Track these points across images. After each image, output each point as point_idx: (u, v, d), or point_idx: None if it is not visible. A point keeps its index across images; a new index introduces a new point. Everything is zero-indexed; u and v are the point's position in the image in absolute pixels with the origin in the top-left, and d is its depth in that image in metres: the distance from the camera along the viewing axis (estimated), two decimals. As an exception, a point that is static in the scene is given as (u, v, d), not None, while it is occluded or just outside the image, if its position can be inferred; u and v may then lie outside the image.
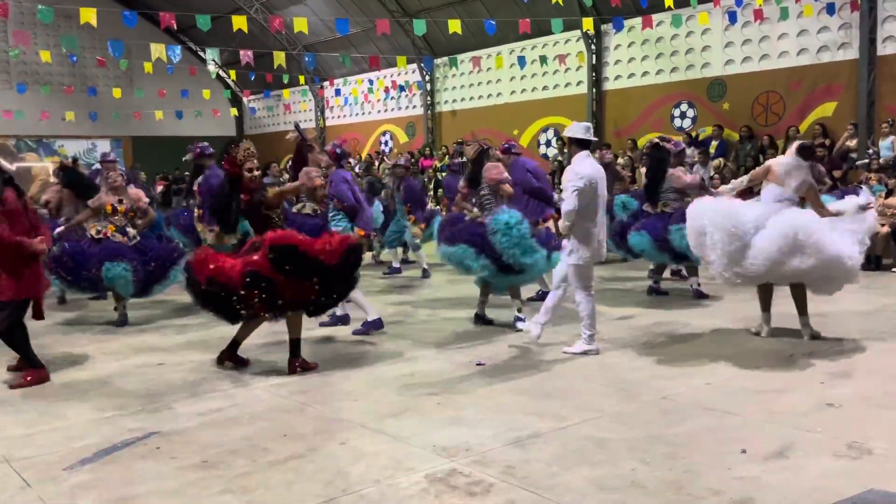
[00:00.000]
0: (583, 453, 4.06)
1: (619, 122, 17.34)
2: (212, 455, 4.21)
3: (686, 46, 16.03)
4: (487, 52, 19.28)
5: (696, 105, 15.96)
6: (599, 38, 17.47)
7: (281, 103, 26.90)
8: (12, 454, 4.31)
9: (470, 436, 4.37)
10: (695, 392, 5.11)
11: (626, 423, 4.52)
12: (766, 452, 3.98)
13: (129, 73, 23.41)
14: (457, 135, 20.07)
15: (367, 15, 19.78)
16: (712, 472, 3.75)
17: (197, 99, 22.74)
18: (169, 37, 22.73)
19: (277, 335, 7.36)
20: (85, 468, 4.09)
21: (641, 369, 5.72)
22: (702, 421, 4.53)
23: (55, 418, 4.96)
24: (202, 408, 5.08)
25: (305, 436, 4.47)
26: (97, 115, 22.84)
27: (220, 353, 6.19)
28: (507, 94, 19.86)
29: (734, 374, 5.52)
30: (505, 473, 3.83)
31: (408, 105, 22.85)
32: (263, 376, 5.86)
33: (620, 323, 7.43)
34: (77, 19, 13.29)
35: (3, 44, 22.54)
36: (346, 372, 5.97)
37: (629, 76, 17.24)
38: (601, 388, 5.26)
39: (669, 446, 4.12)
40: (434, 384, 5.48)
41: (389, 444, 4.30)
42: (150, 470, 4.04)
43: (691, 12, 15.03)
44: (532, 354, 6.29)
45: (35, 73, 23.86)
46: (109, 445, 4.40)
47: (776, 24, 14.41)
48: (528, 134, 19.29)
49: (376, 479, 3.81)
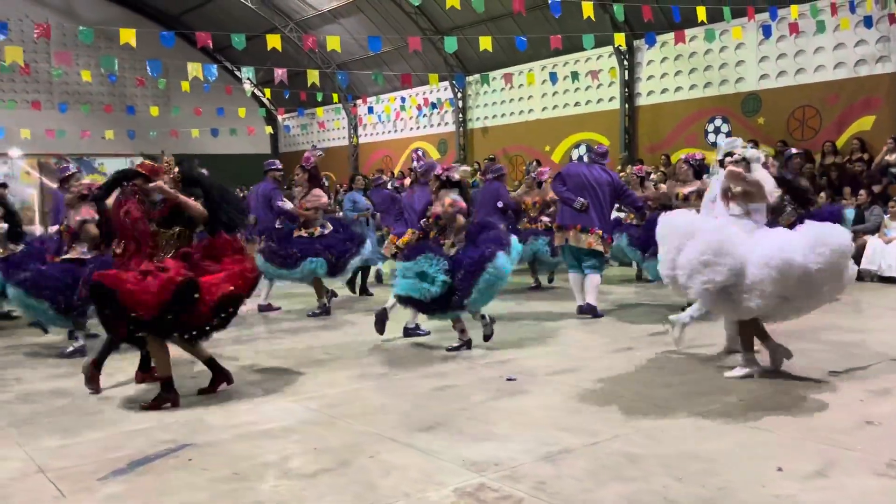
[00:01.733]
0: (615, 469, 4.01)
1: (652, 138, 17.24)
2: (243, 467, 4.23)
3: (720, 61, 15.91)
4: (519, 69, 19.32)
5: (730, 120, 15.82)
6: (632, 53, 17.42)
7: (315, 121, 27.22)
8: (48, 464, 4.38)
9: (500, 450, 4.34)
10: (729, 408, 5.03)
11: (658, 439, 4.45)
12: (803, 471, 3.89)
13: (167, 92, 23.86)
14: (489, 151, 20.11)
15: (398, 33, 19.97)
16: (747, 490, 3.67)
17: (232, 117, 23.13)
18: (205, 56, 23.19)
19: (304, 352, 7.41)
20: (119, 479, 4.13)
21: (675, 385, 5.64)
22: (736, 438, 4.45)
23: (90, 430, 5.03)
24: (234, 421, 5.12)
25: (335, 449, 4.48)
26: (135, 134, 23.30)
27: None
28: (539, 111, 19.87)
29: (770, 391, 5.41)
30: (535, 489, 3.79)
31: (440, 122, 22.97)
32: (294, 390, 5.89)
33: (655, 339, 7.35)
34: (117, 40, 13.60)
35: (45, 64, 23.14)
36: (376, 385, 5.98)
37: (662, 91, 17.16)
38: (634, 404, 5.19)
39: (703, 463, 4.05)
40: (464, 398, 5.46)
41: (419, 458, 4.29)
42: (182, 481, 4.07)
43: (725, 27, 14.92)
44: (562, 372, 6.24)
45: (76, 92, 24.45)
46: (143, 457, 4.45)
47: (812, 37, 14.25)
48: (559, 150, 19.26)
49: (406, 493, 3.80)
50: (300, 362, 6.83)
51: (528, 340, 7.46)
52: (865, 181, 12.46)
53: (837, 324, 7.47)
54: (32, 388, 6.18)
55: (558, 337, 7.67)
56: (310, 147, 9.04)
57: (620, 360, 6.52)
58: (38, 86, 24.62)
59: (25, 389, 6.17)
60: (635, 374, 6.03)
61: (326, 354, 7.15)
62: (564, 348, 7.12)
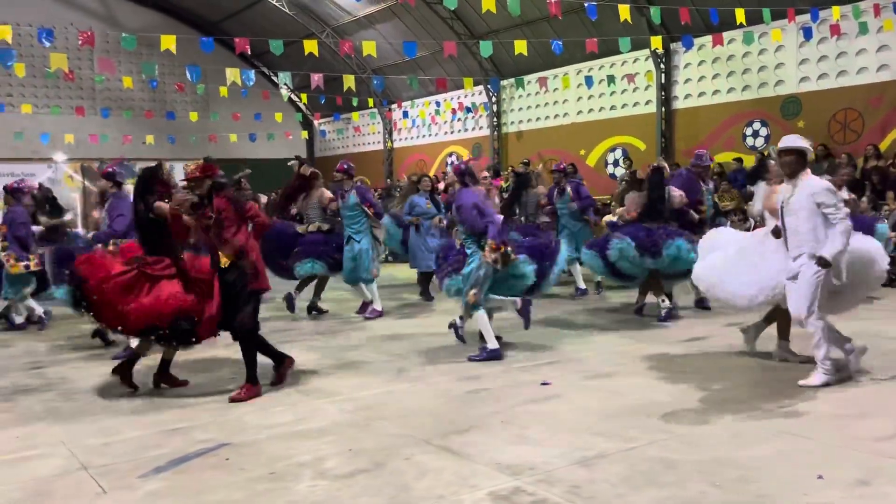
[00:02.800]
0: (650, 474, 3.97)
1: (689, 142, 17.03)
2: (279, 468, 4.28)
3: (758, 64, 15.69)
4: (554, 73, 19.26)
5: (769, 123, 15.58)
6: (669, 56, 17.26)
7: (350, 126, 27.39)
8: (90, 462, 4.47)
9: (535, 454, 4.33)
10: (767, 415, 4.95)
11: (695, 445, 4.40)
12: (845, 479, 3.82)
13: (206, 98, 24.23)
14: (523, 156, 20.06)
15: (434, 38, 20.03)
16: (786, 498, 3.61)
17: (269, 122, 23.36)
18: (243, 62, 23.48)
19: (339, 354, 7.47)
20: (158, 477, 4.21)
21: (712, 391, 5.57)
22: (775, 445, 4.38)
23: (131, 429, 5.13)
24: (270, 421, 5.18)
25: (370, 450, 4.51)
26: (175, 139, 23.70)
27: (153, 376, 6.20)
28: (574, 115, 19.77)
29: (808, 397, 5.32)
30: (570, 493, 3.77)
31: (474, 126, 22.97)
32: (329, 392, 5.94)
33: (691, 344, 7.27)
34: (158, 46, 13.85)
35: (89, 71, 23.64)
36: (410, 387, 6.01)
37: (699, 95, 16.97)
38: (670, 409, 5.14)
39: (741, 470, 3.99)
40: (498, 402, 5.46)
41: (453, 461, 4.29)
42: (219, 480, 4.13)
43: (764, 29, 14.72)
44: (597, 376, 6.20)
45: (118, 98, 24.93)
46: (181, 455, 4.52)
47: (854, 39, 13.99)
48: (595, 154, 19.14)
49: (440, 496, 3.80)
50: (335, 364, 6.89)
51: (562, 344, 7.43)
52: (909, 186, 12.19)
53: (881, 331, 7.31)
54: (75, 387, 6.32)
55: (593, 341, 7.62)
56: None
57: (656, 365, 6.46)
58: (82, 92, 25.14)
59: (69, 388, 6.32)
60: (671, 379, 5.97)
61: (361, 357, 7.20)
62: (598, 354, 7.07)
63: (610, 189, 17.83)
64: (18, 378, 6.75)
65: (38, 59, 21.89)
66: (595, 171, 19.03)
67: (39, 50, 20.75)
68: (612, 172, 18.61)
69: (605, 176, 18.86)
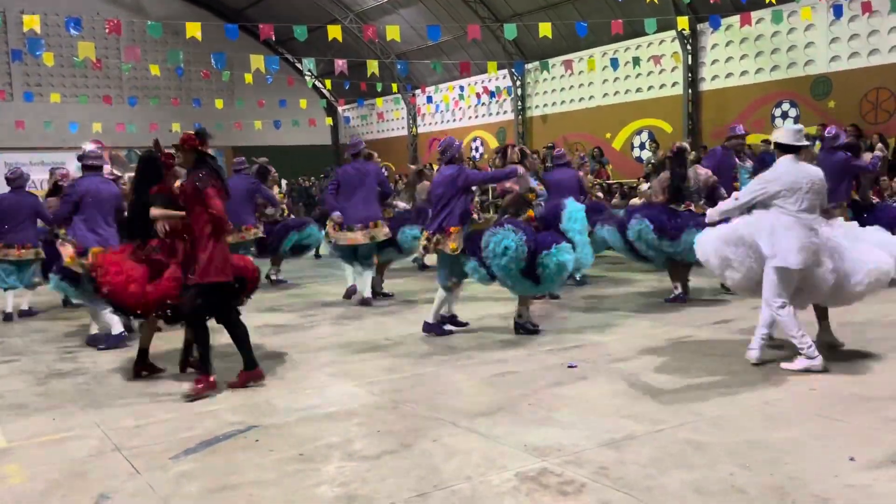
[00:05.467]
0: (680, 456, 3.96)
1: (717, 124, 16.85)
2: (308, 449, 4.32)
3: (788, 43, 15.45)
4: (579, 56, 19.11)
5: (798, 104, 15.35)
6: (695, 37, 17.04)
7: (374, 112, 27.43)
8: (123, 443, 4.55)
9: (562, 436, 4.32)
10: (799, 398, 4.91)
11: (725, 428, 4.37)
12: (878, 460, 3.78)
13: (231, 85, 24.38)
14: (548, 139, 19.95)
15: (457, 22, 19.95)
16: (818, 480, 3.58)
17: (294, 109, 23.47)
18: (267, 49, 23.57)
19: (367, 338, 7.51)
20: (189, 458, 4.27)
21: (741, 373, 5.53)
22: (806, 427, 4.33)
23: (163, 411, 5.20)
24: (299, 404, 5.23)
25: (398, 433, 4.53)
26: (201, 126, 23.82)
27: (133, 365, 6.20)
28: (600, 97, 19.62)
29: (840, 380, 5.26)
30: (598, 474, 3.77)
31: (498, 111, 22.89)
32: (357, 375, 5.98)
33: (718, 327, 7.21)
34: (184, 34, 13.93)
35: (115, 60, 23.86)
36: (438, 370, 6.02)
37: (727, 76, 16.75)
38: (699, 392, 5.11)
39: (771, 452, 3.96)
40: (525, 385, 5.46)
41: (481, 443, 4.30)
42: (249, 461, 4.18)
43: (794, 8, 14.48)
44: (624, 359, 6.17)
45: (145, 87, 25.15)
46: (212, 437, 4.58)
47: (886, 16, 13.71)
48: (620, 137, 18.99)
49: (468, 476, 3.82)
50: (363, 348, 6.93)
51: (589, 328, 7.40)
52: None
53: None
54: (107, 371, 6.42)
55: (620, 324, 7.59)
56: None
57: (684, 348, 6.42)
58: (109, 80, 25.42)
59: (100, 371, 6.42)
60: (699, 361, 5.93)
61: (388, 340, 7.23)
62: (626, 336, 7.04)
63: (637, 172, 17.71)
64: (52, 363, 6.88)
65: (65, 48, 22.17)
66: (621, 155, 18.90)
67: (67, 39, 21.02)
68: (639, 156, 18.46)
69: (632, 159, 18.72)
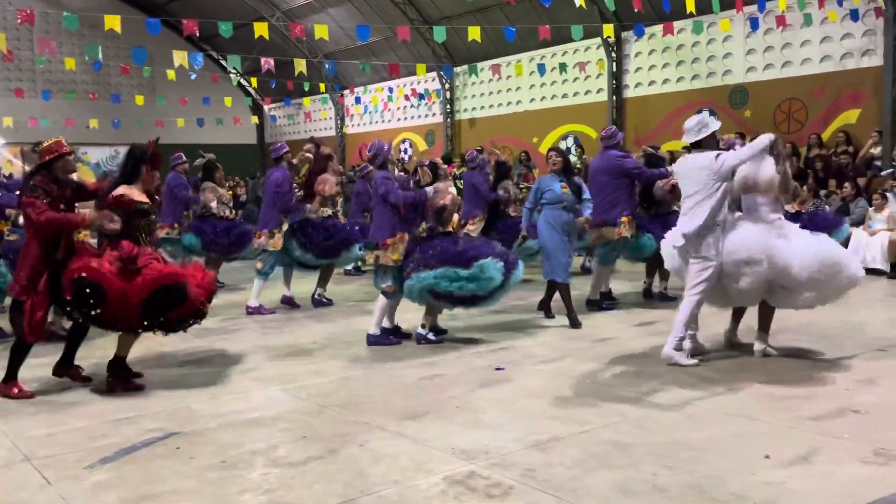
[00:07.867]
0: (604, 457, 4.02)
1: (639, 130, 17.25)
2: (231, 456, 4.21)
3: (707, 53, 15.94)
4: (507, 60, 19.28)
5: (717, 113, 15.83)
6: (620, 45, 17.42)
7: (301, 111, 27.06)
8: (34, 453, 4.33)
9: (489, 439, 4.34)
10: (718, 398, 5.05)
11: (647, 429, 4.47)
12: (791, 458, 3.92)
13: (152, 81, 23.62)
14: (476, 142, 20.05)
15: (387, 23, 19.86)
16: (736, 478, 3.69)
17: (218, 107, 22.90)
18: (191, 45, 22.98)
19: (293, 342, 7.39)
20: (106, 467, 4.10)
21: (663, 375, 5.66)
22: (725, 427, 4.47)
23: (76, 418, 4.99)
24: (221, 409, 5.09)
25: (324, 437, 4.46)
26: (120, 123, 23.05)
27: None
28: (527, 102, 19.84)
29: (758, 381, 5.44)
30: (525, 476, 3.79)
31: (427, 113, 22.89)
32: (282, 379, 5.87)
33: (641, 329, 7.37)
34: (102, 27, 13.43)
35: (28, 52, 22.84)
36: (365, 374, 5.97)
37: (650, 83, 17.18)
38: (622, 393, 5.21)
39: (692, 451, 4.06)
40: (453, 387, 5.46)
41: (408, 447, 4.28)
42: (169, 469, 4.04)
43: (713, 19, 14.94)
44: (550, 361, 6.25)
45: (60, 80, 24.16)
46: (130, 445, 4.42)
47: (799, 30, 14.29)
48: (548, 141, 19.24)
49: (395, 481, 3.79)
50: (289, 352, 6.82)
51: (515, 331, 7.46)
52: (851, 174, 12.54)
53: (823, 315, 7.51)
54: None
55: (547, 327, 7.67)
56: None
57: (608, 350, 6.54)
58: (21, 73, 24.32)
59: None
60: (623, 364, 6.05)
61: (314, 344, 7.13)
62: (552, 339, 7.12)
63: (562, 176, 17.89)
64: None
65: (-26, 38, 21.07)
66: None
67: (-25, 29, 19.96)
68: (564, 160, 18.74)
69: (558, 163, 18.98)
